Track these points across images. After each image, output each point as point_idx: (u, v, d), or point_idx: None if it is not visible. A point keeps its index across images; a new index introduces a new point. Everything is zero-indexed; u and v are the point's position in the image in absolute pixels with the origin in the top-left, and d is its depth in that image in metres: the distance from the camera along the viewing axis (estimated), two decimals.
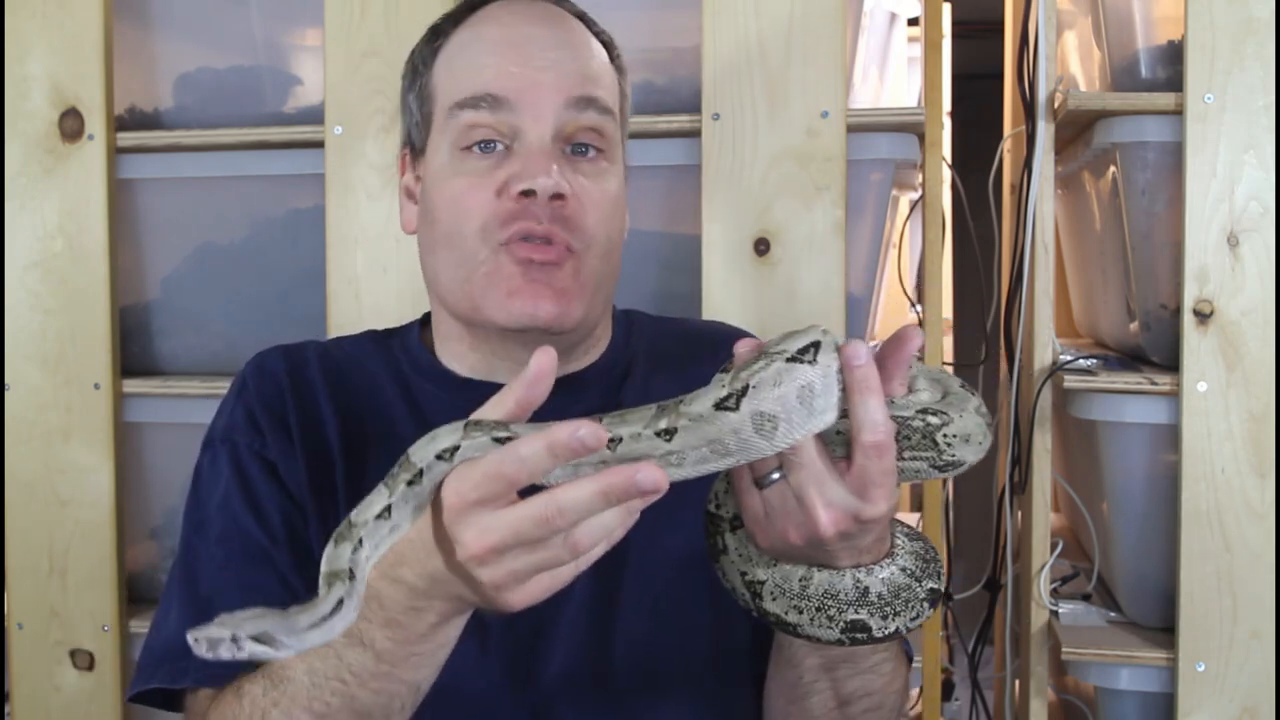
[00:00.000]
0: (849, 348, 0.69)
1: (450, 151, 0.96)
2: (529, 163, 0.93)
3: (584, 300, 0.95)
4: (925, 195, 1.61)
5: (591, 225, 0.95)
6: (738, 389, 0.67)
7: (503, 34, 0.97)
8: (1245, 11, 1.42)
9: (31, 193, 1.62)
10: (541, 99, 0.94)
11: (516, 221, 0.92)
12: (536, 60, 0.95)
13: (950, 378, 0.80)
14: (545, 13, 0.99)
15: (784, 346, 0.68)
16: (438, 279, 0.98)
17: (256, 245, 1.68)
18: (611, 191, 0.98)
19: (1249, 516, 1.44)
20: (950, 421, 0.73)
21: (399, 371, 1.03)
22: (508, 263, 0.93)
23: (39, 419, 1.63)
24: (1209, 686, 1.45)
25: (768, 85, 1.46)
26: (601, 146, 0.97)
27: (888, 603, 0.78)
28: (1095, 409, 1.52)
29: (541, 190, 0.92)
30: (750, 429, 0.67)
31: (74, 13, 1.60)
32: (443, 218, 0.96)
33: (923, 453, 0.73)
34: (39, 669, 1.65)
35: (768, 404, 0.67)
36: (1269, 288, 1.43)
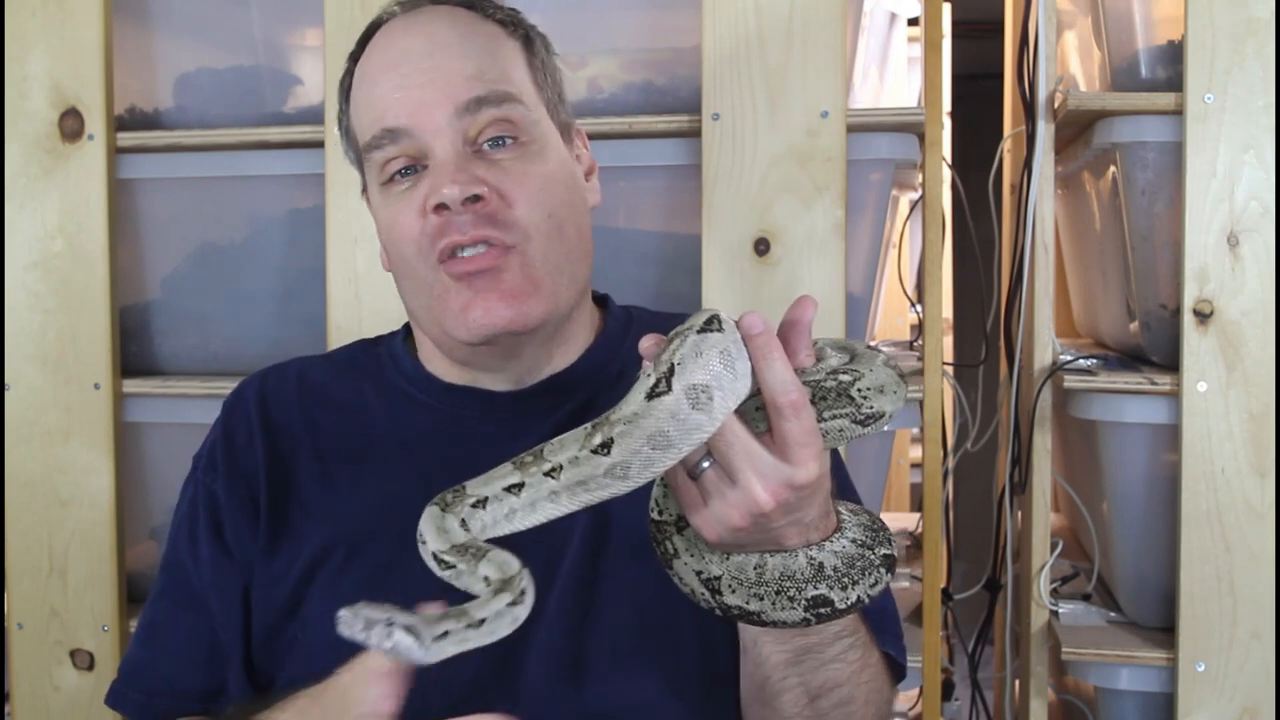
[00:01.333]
0: (746, 319, 0.71)
1: (378, 187, 0.98)
2: (435, 177, 0.93)
3: (542, 293, 0.95)
4: (925, 195, 1.61)
5: (523, 215, 0.94)
6: (663, 372, 0.69)
7: (381, 61, 0.98)
8: (1245, 11, 1.42)
9: (31, 193, 1.62)
10: (431, 116, 0.94)
11: (442, 237, 0.93)
12: (415, 77, 0.95)
13: (855, 342, 0.82)
14: (425, 25, 0.98)
15: (689, 324, 0.70)
16: (410, 310, 1.01)
17: (256, 245, 1.68)
18: (543, 170, 0.96)
19: (1249, 516, 1.44)
20: (861, 376, 0.76)
21: (386, 379, 1.03)
22: (450, 282, 0.94)
23: (39, 419, 1.63)
24: (1209, 686, 1.45)
25: (768, 85, 1.46)
26: (515, 134, 0.96)
27: (844, 574, 0.79)
28: (1095, 409, 1.52)
29: (451, 201, 0.92)
30: (687, 406, 0.69)
31: (74, 13, 1.60)
32: (390, 249, 0.99)
33: (841, 409, 0.75)
34: (39, 669, 1.65)
35: (698, 375, 0.69)
36: (1269, 288, 1.43)
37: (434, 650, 0.70)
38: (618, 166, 1.51)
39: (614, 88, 1.56)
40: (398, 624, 0.69)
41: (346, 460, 1.00)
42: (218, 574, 0.99)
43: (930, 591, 1.52)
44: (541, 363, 1.00)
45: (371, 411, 1.02)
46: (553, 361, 1.01)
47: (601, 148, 1.51)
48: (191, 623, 1.00)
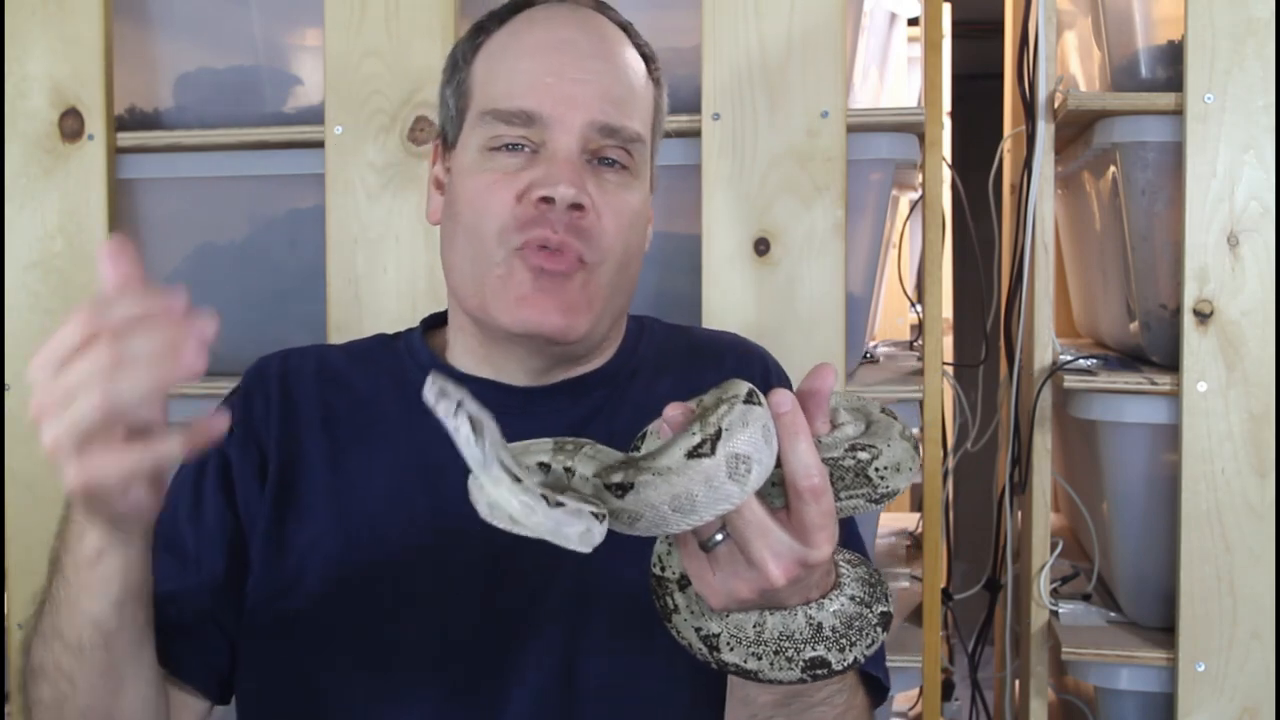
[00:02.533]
0: (775, 395, 0.69)
1: (478, 149, 0.97)
2: (552, 169, 0.93)
3: (592, 314, 0.96)
4: (925, 195, 1.61)
5: (608, 239, 0.95)
6: (710, 434, 0.66)
7: (541, 39, 0.97)
8: (1245, 11, 1.42)
9: (31, 193, 1.62)
10: (571, 116, 0.94)
11: (533, 228, 0.93)
12: (571, 71, 0.95)
13: (870, 404, 0.80)
14: (586, 20, 0.99)
15: (734, 392, 0.68)
16: (453, 271, 1.00)
17: (256, 245, 1.68)
18: (633, 204, 0.98)
19: (1249, 516, 1.44)
20: (880, 454, 0.74)
21: (402, 371, 1.03)
22: (520, 268, 0.94)
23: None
24: (1209, 686, 1.45)
25: (768, 85, 1.46)
26: (627, 164, 0.98)
27: (843, 634, 0.78)
28: (1095, 409, 1.52)
29: (560, 199, 0.92)
30: (724, 474, 0.66)
31: (74, 13, 1.60)
32: (464, 213, 0.97)
33: (858, 490, 0.74)
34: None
35: (742, 444, 0.67)
36: (1269, 288, 1.43)
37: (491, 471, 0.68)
38: None
39: None
40: (466, 408, 0.69)
41: (357, 446, 1.00)
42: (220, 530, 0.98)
43: (930, 591, 1.52)
44: (561, 371, 1.01)
45: (385, 401, 1.02)
46: (570, 369, 1.01)
47: None
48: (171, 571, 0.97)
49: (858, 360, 1.65)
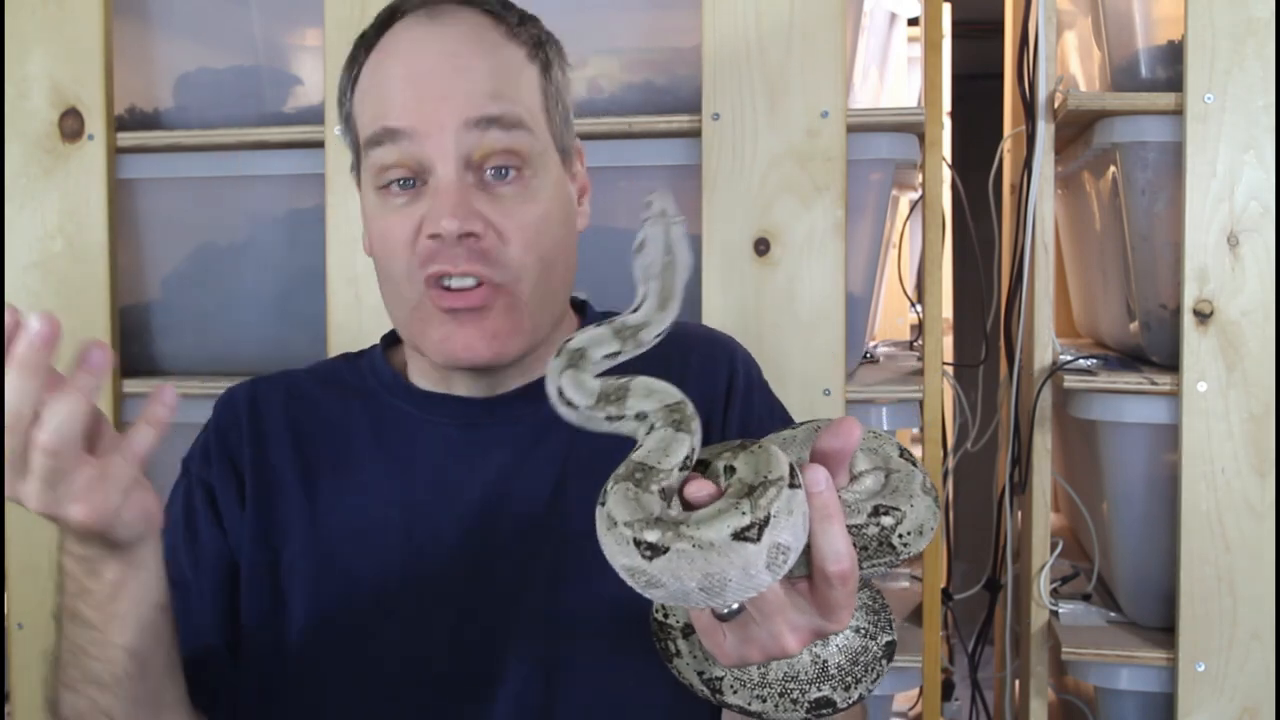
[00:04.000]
0: (810, 474, 0.65)
1: (373, 190, 0.96)
2: (436, 203, 0.91)
3: (522, 334, 0.95)
4: (925, 195, 1.61)
5: (516, 256, 0.93)
6: (760, 519, 0.62)
7: (401, 59, 0.95)
8: (1245, 11, 1.42)
9: (31, 193, 1.62)
10: (441, 126, 0.91)
11: (433, 263, 0.92)
12: (433, 90, 0.93)
13: (886, 442, 0.76)
14: (448, 35, 0.95)
15: (779, 473, 0.64)
16: (387, 308, 1.00)
17: (256, 245, 1.68)
18: (539, 210, 0.95)
19: (1249, 516, 1.44)
20: (904, 518, 0.70)
21: (367, 390, 1.04)
22: (433, 310, 0.93)
23: None
24: (1209, 686, 1.45)
25: (768, 85, 1.46)
26: (519, 165, 0.94)
27: (848, 671, 0.77)
28: (1095, 409, 1.52)
29: (447, 233, 0.90)
30: (763, 564, 0.62)
31: (74, 13, 1.60)
32: (378, 255, 0.97)
33: (880, 559, 0.71)
34: (39, 669, 1.64)
35: (785, 534, 0.63)
36: (1269, 288, 1.43)
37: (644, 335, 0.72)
38: (618, 166, 1.51)
39: (614, 88, 1.56)
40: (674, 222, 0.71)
41: (329, 470, 1.00)
42: (219, 557, 1.00)
43: (930, 591, 1.52)
44: (513, 378, 1.01)
45: (354, 422, 1.02)
46: (526, 372, 1.01)
47: (601, 148, 1.52)
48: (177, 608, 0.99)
49: (858, 360, 1.65)
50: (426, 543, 0.96)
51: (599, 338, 0.74)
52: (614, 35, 1.59)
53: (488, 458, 0.98)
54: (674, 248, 0.76)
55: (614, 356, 0.75)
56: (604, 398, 0.72)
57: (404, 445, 1.00)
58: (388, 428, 1.02)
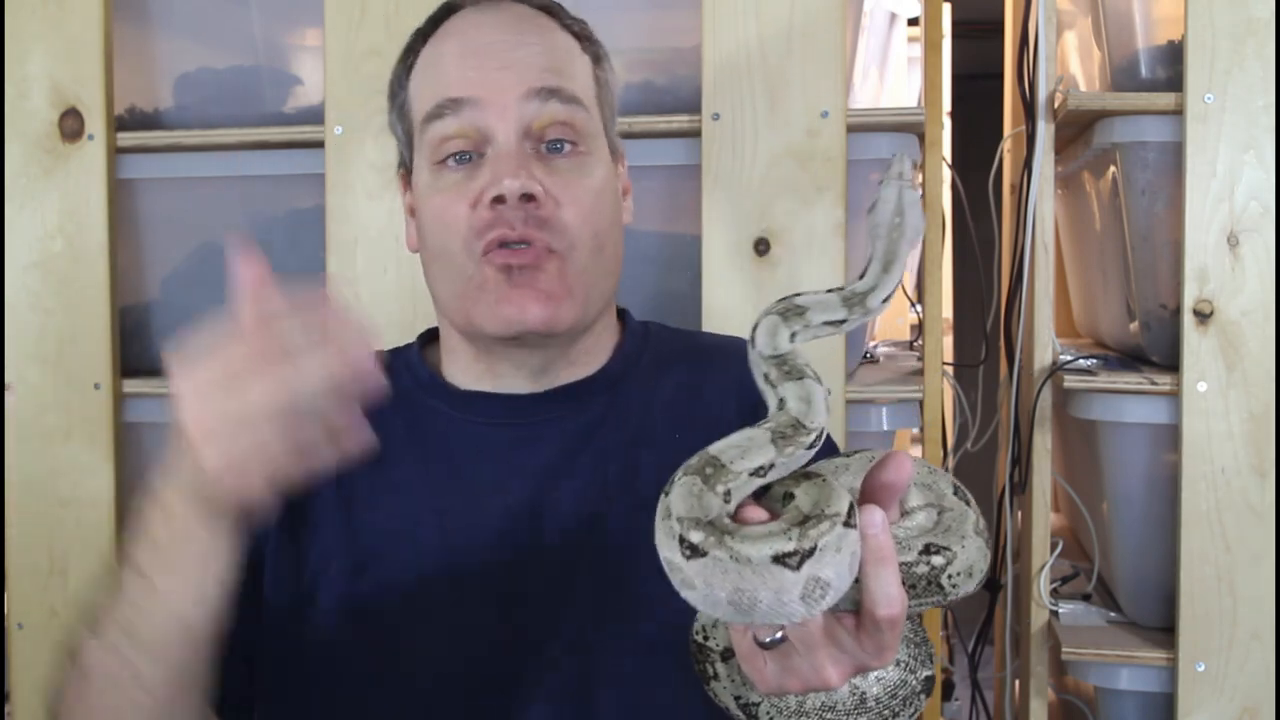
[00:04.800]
0: (867, 514, 0.64)
1: (428, 168, 0.96)
2: (497, 168, 0.92)
3: (575, 300, 0.95)
4: (925, 195, 1.60)
5: (572, 223, 0.94)
6: (805, 549, 0.60)
7: (462, 45, 0.97)
8: (1245, 11, 1.42)
9: (31, 193, 1.62)
10: (503, 94, 0.93)
11: (491, 229, 0.92)
12: (494, 61, 0.94)
13: (941, 478, 0.75)
14: (504, 17, 0.98)
15: (837, 509, 0.62)
16: (436, 295, 1.00)
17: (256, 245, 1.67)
18: (594, 185, 0.96)
19: (1249, 516, 1.44)
20: (954, 559, 0.69)
21: (402, 388, 1.03)
22: (491, 272, 0.93)
23: (39, 419, 1.63)
24: (1209, 686, 1.45)
25: (768, 85, 1.46)
26: (575, 140, 0.96)
27: (886, 705, 0.76)
28: (1095, 409, 1.52)
29: (510, 193, 0.91)
30: (797, 594, 0.61)
31: (74, 13, 1.60)
32: (430, 235, 0.97)
33: (928, 598, 0.70)
34: (39, 669, 1.64)
35: (828, 570, 0.61)
36: (1269, 288, 1.43)
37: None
38: None
39: None
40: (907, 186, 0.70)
41: (363, 470, 0.99)
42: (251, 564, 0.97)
43: None
44: (559, 369, 1.00)
45: (388, 422, 1.01)
46: (571, 369, 1.00)
47: None
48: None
49: (858, 360, 1.65)
50: (462, 545, 0.95)
51: (827, 302, 0.73)
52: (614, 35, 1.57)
53: (527, 459, 0.97)
54: (905, 210, 0.75)
55: (838, 325, 0.73)
56: (779, 362, 0.71)
57: (439, 445, 0.99)
58: (423, 427, 1.00)
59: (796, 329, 0.73)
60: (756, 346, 0.72)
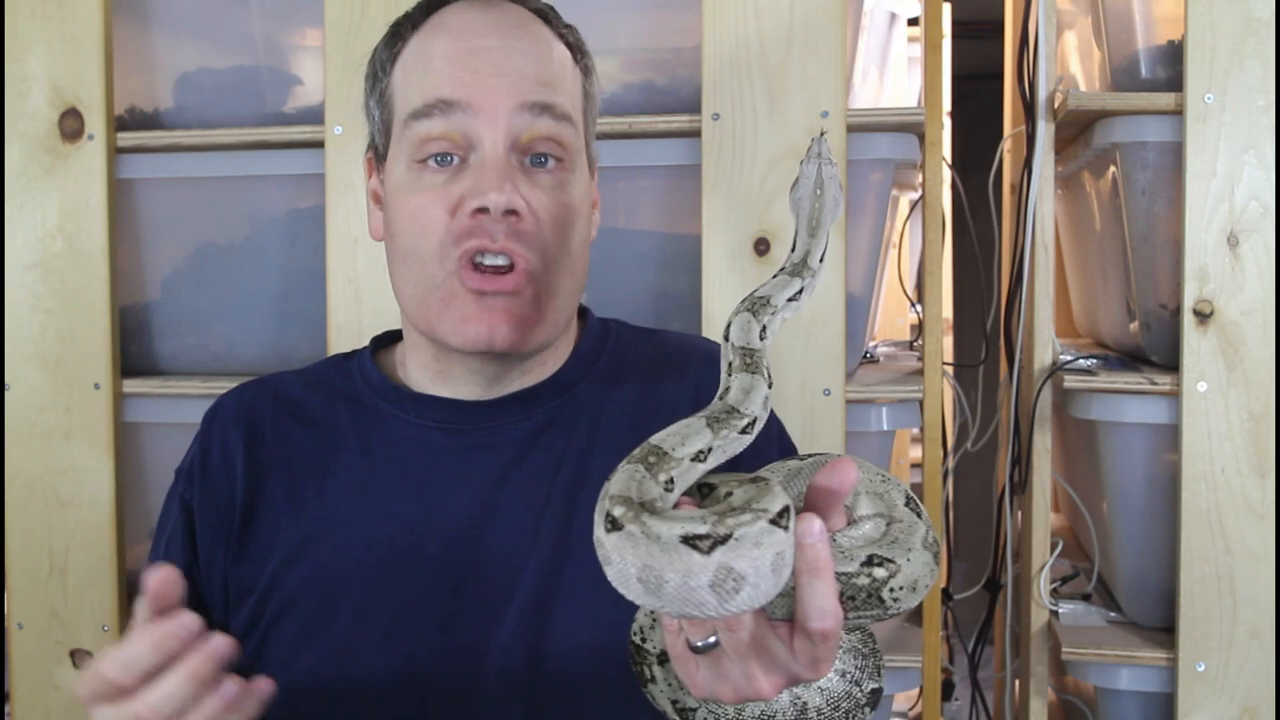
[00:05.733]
0: (803, 524, 0.62)
1: (407, 165, 0.95)
2: (483, 177, 0.91)
3: (545, 324, 0.95)
4: (925, 195, 1.61)
5: (549, 241, 0.93)
6: (719, 534, 0.58)
7: (455, 43, 0.94)
8: (1245, 11, 1.42)
9: (31, 193, 1.62)
10: (495, 103, 0.91)
11: (470, 239, 0.91)
12: (490, 67, 0.92)
13: (894, 488, 0.74)
14: (500, 20, 0.96)
15: (765, 505, 0.60)
16: (400, 292, 0.98)
17: (256, 245, 1.68)
18: (572, 203, 0.95)
19: (1249, 516, 1.44)
20: (898, 571, 0.67)
21: (356, 393, 1.03)
22: (460, 289, 0.92)
23: (39, 419, 1.63)
24: (1209, 686, 1.45)
25: (768, 85, 1.46)
26: (561, 156, 0.94)
27: (828, 717, 0.75)
28: (1095, 409, 1.52)
29: (494, 207, 0.90)
30: (705, 582, 0.58)
31: (74, 13, 1.60)
32: (401, 233, 0.95)
33: (867, 611, 0.67)
34: (39, 669, 1.65)
35: (743, 563, 0.58)
36: (1269, 288, 1.43)
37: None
38: (618, 166, 1.51)
39: (614, 88, 1.56)
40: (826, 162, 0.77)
41: (314, 474, 0.99)
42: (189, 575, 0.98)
43: (930, 591, 1.52)
44: (514, 377, 1.00)
45: (341, 426, 1.01)
46: (525, 377, 1.00)
47: (601, 148, 1.51)
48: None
49: (858, 360, 1.65)
50: (409, 552, 0.95)
51: (780, 283, 0.77)
52: (614, 35, 1.59)
53: (476, 466, 0.97)
54: (825, 183, 0.80)
55: (798, 295, 0.78)
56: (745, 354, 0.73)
57: (390, 450, 0.99)
58: (373, 432, 1.00)
59: (765, 320, 0.75)
60: (730, 340, 0.74)
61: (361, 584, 0.95)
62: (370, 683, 0.93)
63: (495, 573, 0.94)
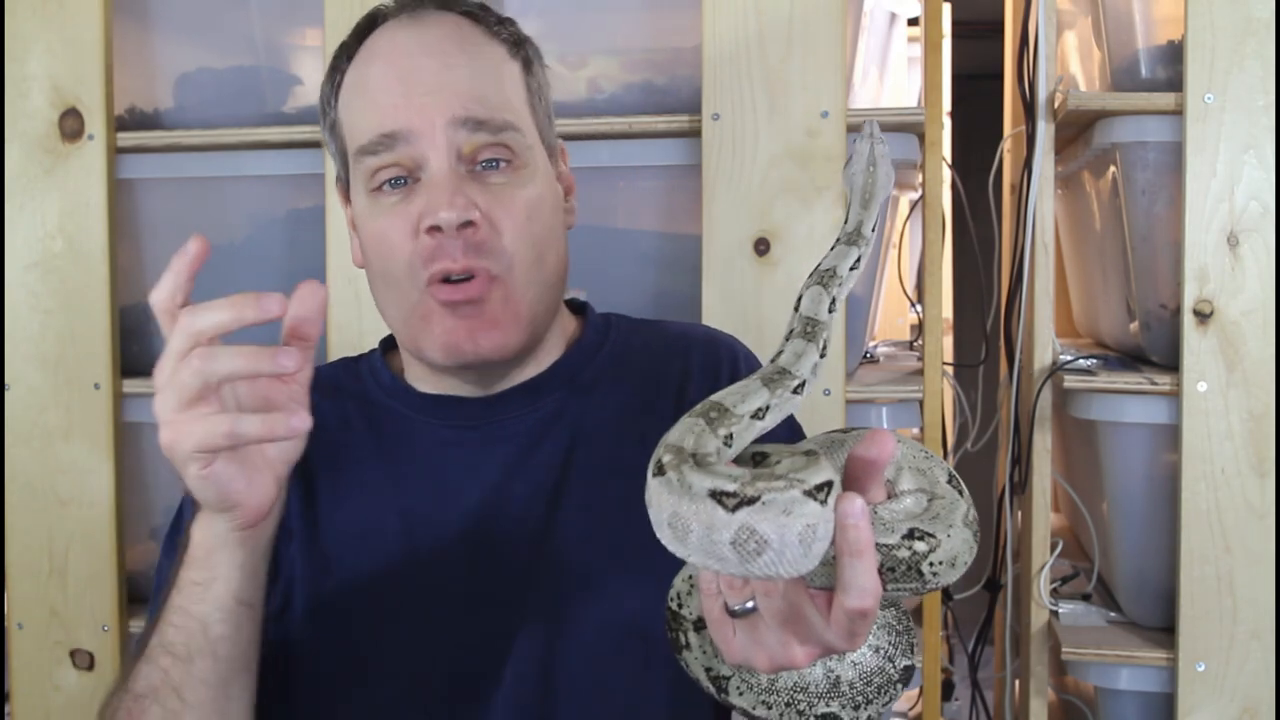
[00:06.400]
0: (844, 504, 0.62)
1: (366, 194, 0.96)
2: (432, 196, 0.92)
3: (521, 324, 0.95)
4: (925, 195, 1.61)
5: (509, 243, 0.94)
6: (746, 495, 0.59)
7: (386, 69, 0.96)
8: (1245, 11, 1.42)
9: (31, 193, 1.62)
10: (431, 123, 0.92)
11: (435, 262, 0.92)
12: (419, 89, 0.93)
13: (936, 465, 0.74)
14: (427, 36, 0.96)
15: (804, 476, 0.60)
16: (385, 314, 1.00)
17: (256, 245, 1.68)
18: (530, 196, 0.96)
19: (1249, 516, 1.44)
20: (938, 545, 0.67)
21: (367, 395, 1.04)
22: (435, 307, 0.93)
23: (39, 419, 1.63)
24: (1209, 686, 1.45)
25: (768, 85, 1.46)
26: (509, 158, 0.95)
27: (860, 691, 0.75)
28: (1095, 409, 1.52)
29: (447, 225, 0.91)
30: (727, 539, 0.59)
31: (74, 13, 1.60)
32: (374, 257, 0.97)
33: (906, 583, 0.68)
34: (39, 669, 1.65)
35: (768, 528, 0.58)
36: (1269, 288, 1.43)
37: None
38: (618, 166, 1.51)
39: (614, 88, 1.56)
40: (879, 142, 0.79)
41: (327, 473, 1.00)
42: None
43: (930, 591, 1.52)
44: (513, 376, 1.01)
45: (353, 426, 1.03)
46: (524, 370, 1.01)
47: (601, 148, 1.52)
48: None
49: (858, 360, 1.65)
50: (426, 546, 0.96)
51: (840, 253, 0.79)
52: (614, 35, 1.59)
53: (487, 458, 0.98)
54: (878, 161, 0.83)
55: (858, 262, 0.79)
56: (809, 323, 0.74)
57: (402, 448, 1.00)
58: (385, 431, 1.02)
59: (835, 291, 0.76)
60: (800, 310, 0.75)
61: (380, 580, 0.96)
62: (388, 670, 0.94)
63: (511, 561, 0.95)
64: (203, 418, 0.79)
